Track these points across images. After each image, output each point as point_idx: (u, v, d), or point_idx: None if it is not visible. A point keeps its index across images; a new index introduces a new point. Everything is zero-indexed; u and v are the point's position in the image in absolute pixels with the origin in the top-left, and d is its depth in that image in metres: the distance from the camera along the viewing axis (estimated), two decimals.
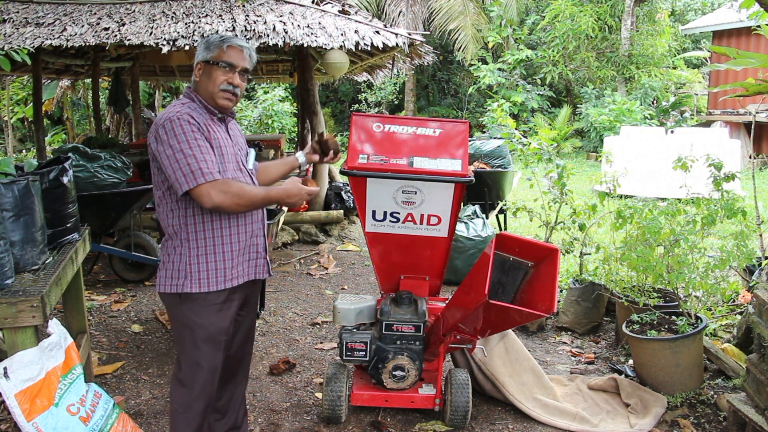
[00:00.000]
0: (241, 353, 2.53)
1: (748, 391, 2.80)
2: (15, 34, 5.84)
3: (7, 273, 2.17)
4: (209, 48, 2.27)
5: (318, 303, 4.96)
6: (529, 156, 4.86)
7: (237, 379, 2.56)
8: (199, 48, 2.30)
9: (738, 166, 9.99)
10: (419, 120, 2.92)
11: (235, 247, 2.27)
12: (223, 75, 2.24)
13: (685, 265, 3.63)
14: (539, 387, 3.28)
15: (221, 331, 2.29)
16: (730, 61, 3.43)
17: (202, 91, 2.28)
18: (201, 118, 2.22)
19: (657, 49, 16.10)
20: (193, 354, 2.27)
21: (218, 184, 2.12)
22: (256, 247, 2.38)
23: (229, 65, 2.25)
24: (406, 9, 17.17)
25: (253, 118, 16.58)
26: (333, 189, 7.16)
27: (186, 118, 2.15)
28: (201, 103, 2.27)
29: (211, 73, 2.25)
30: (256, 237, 2.37)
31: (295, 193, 2.29)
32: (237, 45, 2.28)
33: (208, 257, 2.23)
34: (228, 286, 2.27)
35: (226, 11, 6.37)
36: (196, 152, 2.11)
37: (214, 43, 2.27)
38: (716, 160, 3.91)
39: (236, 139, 2.39)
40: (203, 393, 2.30)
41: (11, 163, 2.64)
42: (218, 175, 2.13)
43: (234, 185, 2.16)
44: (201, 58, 2.28)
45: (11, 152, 13.99)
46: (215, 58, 2.25)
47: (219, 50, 2.26)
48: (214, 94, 2.25)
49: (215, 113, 2.29)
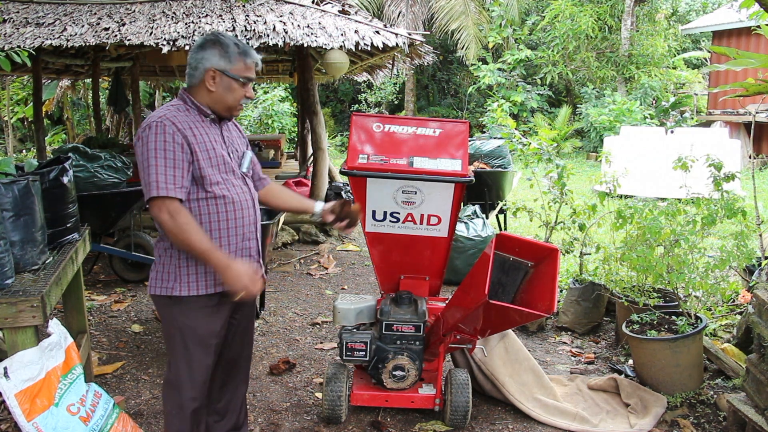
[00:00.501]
0: (239, 356, 2.51)
1: (748, 391, 2.80)
2: (15, 34, 5.84)
3: (7, 273, 2.17)
4: (229, 58, 2.17)
5: (318, 303, 4.96)
6: (529, 156, 4.86)
7: (236, 382, 2.54)
8: (211, 51, 2.17)
9: (738, 166, 9.99)
10: (419, 120, 2.92)
11: (225, 250, 2.21)
12: (243, 90, 2.21)
13: (685, 265, 3.63)
14: (539, 387, 3.28)
15: (212, 334, 2.26)
16: (730, 61, 3.43)
17: (209, 99, 2.20)
18: (188, 120, 2.16)
19: (657, 49, 16.11)
20: (183, 356, 2.25)
21: (170, 204, 2.06)
22: (249, 251, 2.32)
23: (250, 80, 2.22)
24: (406, 9, 17.17)
25: (253, 118, 16.59)
26: (333, 189, 7.17)
27: (165, 125, 2.09)
28: (194, 105, 2.21)
29: (230, 86, 2.19)
30: (248, 240, 2.31)
31: (239, 277, 2.10)
32: (256, 60, 2.24)
33: (198, 260, 2.18)
34: (219, 290, 2.21)
35: (226, 11, 6.37)
36: (160, 163, 2.06)
37: (234, 55, 2.17)
38: (716, 160, 3.91)
39: (232, 140, 2.32)
40: (194, 394, 2.27)
41: (11, 163, 2.64)
42: (177, 191, 2.07)
43: (182, 216, 2.08)
44: (217, 66, 2.17)
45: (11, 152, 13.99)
46: (238, 72, 2.18)
47: (243, 65, 2.19)
48: (230, 106, 2.22)
49: (208, 114, 2.22)
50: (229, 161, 2.24)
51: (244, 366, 2.57)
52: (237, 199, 2.24)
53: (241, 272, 2.11)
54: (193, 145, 2.13)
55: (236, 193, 2.24)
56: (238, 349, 2.49)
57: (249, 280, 2.12)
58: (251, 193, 2.33)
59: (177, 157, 2.09)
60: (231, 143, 2.31)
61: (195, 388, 2.27)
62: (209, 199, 2.18)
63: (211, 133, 2.21)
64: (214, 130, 2.24)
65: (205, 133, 2.19)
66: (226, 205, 2.21)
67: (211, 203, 2.18)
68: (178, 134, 2.10)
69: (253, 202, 2.33)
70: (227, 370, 2.48)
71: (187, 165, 2.11)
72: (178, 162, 2.09)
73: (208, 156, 2.17)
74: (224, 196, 2.20)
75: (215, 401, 2.49)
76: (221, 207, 2.20)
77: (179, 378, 2.27)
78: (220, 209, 2.20)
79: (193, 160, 2.13)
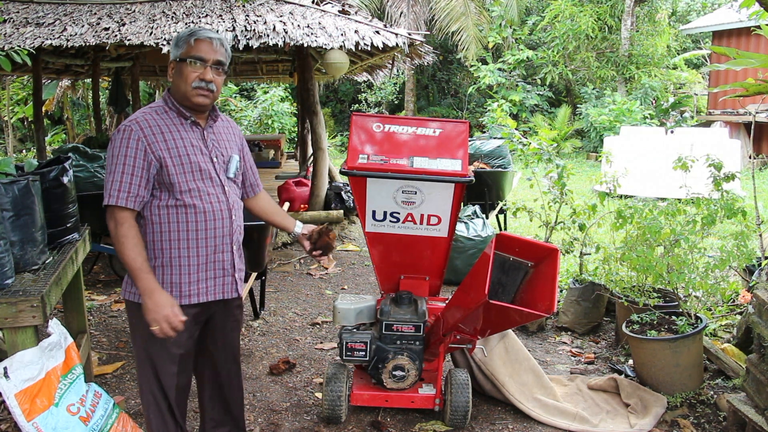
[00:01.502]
0: (227, 372, 2.43)
1: (748, 391, 2.80)
2: (15, 34, 5.85)
3: (7, 273, 2.17)
4: (178, 44, 2.13)
5: (318, 303, 4.96)
6: (529, 156, 4.86)
7: (228, 392, 2.45)
8: (171, 47, 2.17)
9: (738, 166, 9.99)
10: (419, 120, 2.92)
11: (193, 261, 2.13)
12: (194, 71, 2.10)
13: (685, 265, 3.63)
14: (539, 387, 3.28)
15: (175, 343, 2.16)
16: (730, 61, 3.43)
17: (175, 92, 2.15)
18: (162, 123, 2.10)
19: (657, 49, 16.11)
20: (147, 362, 2.20)
21: (117, 213, 2.04)
22: (222, 264, 2.21)
23: (200, 59, 2.10)
24: (407, 9, 17.18)
25: (253, 118, 16.60)
26: (333, 189, 7.16)
27: (132, 129, 2.05)
28: (174, 107, 2.14)
29: (182, 70, 2.11)
30: (221, 253, 2.19)
31: (157, 309, 2.01)
32: (206, 37, 2.12)
33: (164, 269, 2.12)
34: (184, 302, 2.13)
35: (226, 11, 6.38)
36: (117, 169, 2.03)
37: (182, 39, 2.13)
38: (716, 160, 3.91)
39: (217, 143, 2.22)
40: (161, 397, 2.22)
41: (11, 163, 2.64)
42: (127, 201, 2.03)
43: (123, 228, 2.04)
44: (172, 57, 2.14)
45: (11, 152, 14.00)
46: (184, 54, 2.10)
47: (187, 45, 2.11)
48: (187, 93, 2.11)
49: (187, 116, 2.14)
50: (206, 168, 2.15)
51: (235, 378, 2.47)
52: (209, 209, 2.14)
53: (161, 304, 2.01)
54: (160, 151, 2.06)
55: (209, 202, 2.14)
56: (226, 365, 2.41)
57: (166, 316, 2.01)
58: (230, 202, 2.22)
59: (137, 164, 2.04)
60: (215, 147, 2.21)
61: (157, 393, 2.22)
62: (179, 207, 2.11)
63: (188, 138, 2.14)
64: (193, 135, 2.16)
65: (181, 138, 2.12)
66: (197, 214, 2.12)
67: (180, 211, 2.11)
68: (143, 140, 2.05)
69: (230, 212, 2.21)
70: (218, 383, 2.42)
71: (145, 173, 2.05)
72: (136, 170, 2.04)
73: (180, 162, 2.09)
74: (194, 206, 2.11)
75: (209, 408, 2.45)
76: (191, 216, 2.12)
77: (143, 380, 2.24)
78: (190, 218, 2.12)
79: (161, 167, 2.07)
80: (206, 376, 2.41)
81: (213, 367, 2.40)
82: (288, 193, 7.03)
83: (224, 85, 15.25)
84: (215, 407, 2.46)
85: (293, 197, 6.95)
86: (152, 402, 2.24)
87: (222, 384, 2.44)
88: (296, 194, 7.00)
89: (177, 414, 2.28)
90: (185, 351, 2.22)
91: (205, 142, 2.18)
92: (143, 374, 2.24)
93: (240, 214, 2.28)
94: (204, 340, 2.34)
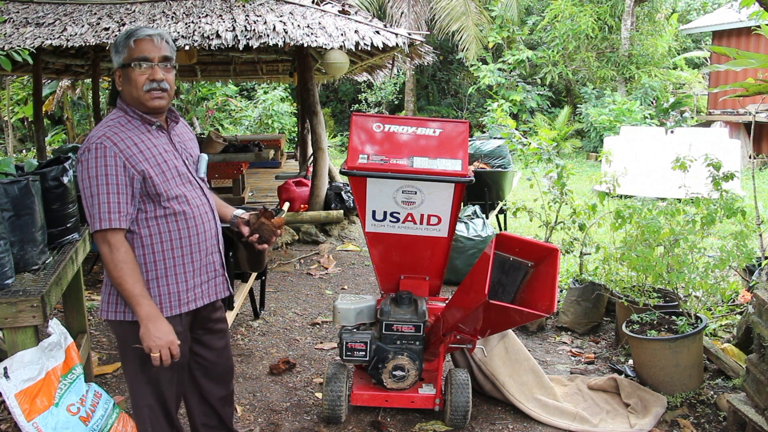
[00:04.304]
0: (219, 377, 2.40)
1: (748, 391, 2.80)
2: (15, 34, 5.85)
3: (7, 273, 2.17)
4: (118, 50, 2.02)
5: (318, 303, 4.96)
6: (529, 156, 4.86)
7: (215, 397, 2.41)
8: (112, 54, 2.05)
9: (738, 166, 9.98)
10: (419, 120, 2.92)
11: (189, 267, 2.10)
12: (142, 74, 1.99)
13: (685, 265, 3.63)
14: (539, 387, 3.28)
15: None
16: (730, 61, 3.43)
17: (130, 100, 2.04)
18: (131, 134, 2.00)
19: (657, 49, 16.11)
20: (141, 375, 2.13)
21: (111, 236, 1.95)
22: (213, 265, 2.19)
23: (144, 60, 1.99)
24: (407, 9, 17.17)
25: (253, 118, 16.60)
26: (333, 189, 7.17)
27: (105, 146, 1.94)
28: (135, 114, 2.05)
29: (129, 76, 2.00)
30: (211, 255, 2.18)
31: (159, 337, 1.95)
32: (145, 35, 2.01)
33: (159, 281, 2.06)
34: (183, 310, 2.10)
35: (226, 11, 6.38)
36: (102, 191, 1.92)
37: (120, 43, 2.01)
38: (715, 159, 3.91)
39: (184, 144, 2.17)
40: (158, 408, 2.18)
41: (11, 163, 2.65)
42: (120, 221, 1.95)
43: (121, 253, 1.95)
44: (116, 65, 2.03)
45: (11, 152, 13.99)
46: (127, 58, 1.99)
47: (128, 49, 1.99)
48: (141, 98, 2.01)
49: (153, 122, 2.06)
50: (184, 171, 2.11)
51: (227, 380, 2.43)
52: (197, 212, 2.12)
53: (163, 331, 1.97)
54: (140, 164, 1.98)
55: (195, 206, 2.12)
56: (219, 370, 2.38)
57: (167, 344, 1.97)
58: (210, 203, 2.21)
59: (120, 182, 1.95)
60: (184, 149, 2.16)
61: (165, 400, 2.18)
62: (168, 216, 2.05)
63: (160, 144, 2.07)
64: (162, 139, 2.09)
65: (153, 146, 2.04)
66: (187, 221, 2.09)
67: (171, 220, 2.06)
68: (120, 155, 1.95)
69: (213, 213, 2.20)
70: (210, 389, 2.39)
71: (130, 190, 1.98)
72: (121, 187, 1.95)
73: (161, 170, 2.03)
74: (183, 212, 2.07)
75: (202, 414, 2.41)
76: (182, 224, 2.08)
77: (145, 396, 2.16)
78: (181, 226, 2.08)
79: (145, 179, 1.99)
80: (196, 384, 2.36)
81: (208, 374, 2.36)
82: (288, 193, 7.03)
83: (224, 86, 15.33)
84: (209, 412, 2.42)
85: (293, 197, 6.95)
86: (150, 416, 2.19)
87: (215, 389, 2.40)
88: (296, 194, 7.00)
89: (175, 421, 2.27)
90: (182, 355, 2.20)
91: (174, 145, 2.13)
92: (138, 390, 2.17)
93: (217, 213, 2.27)
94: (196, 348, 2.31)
